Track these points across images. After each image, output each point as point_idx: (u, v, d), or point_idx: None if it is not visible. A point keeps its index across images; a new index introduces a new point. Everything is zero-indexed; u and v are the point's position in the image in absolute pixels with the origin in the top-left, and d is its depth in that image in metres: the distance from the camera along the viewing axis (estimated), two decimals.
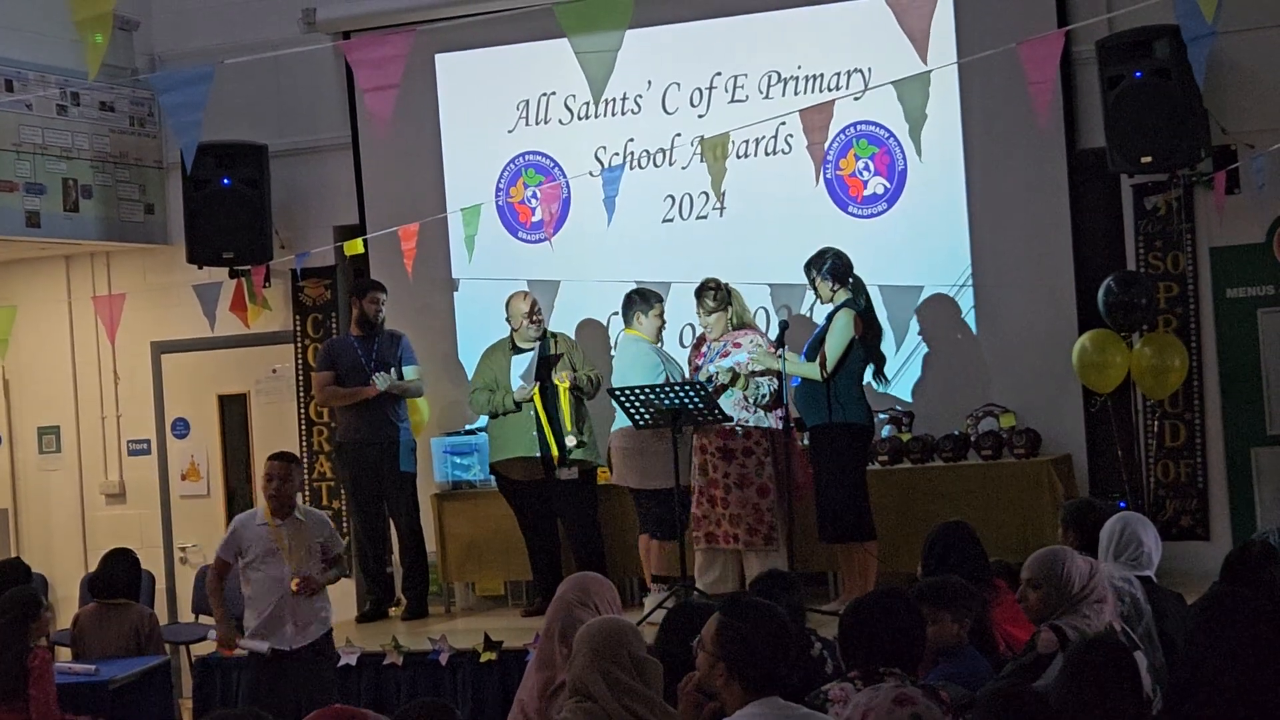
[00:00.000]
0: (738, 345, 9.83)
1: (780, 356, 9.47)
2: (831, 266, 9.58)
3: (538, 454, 10.32)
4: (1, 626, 8.25)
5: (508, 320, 10.56)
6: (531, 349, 10.45)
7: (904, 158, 10.66)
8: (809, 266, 9.67)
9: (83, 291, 12.67)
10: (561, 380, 10.31)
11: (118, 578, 9.65)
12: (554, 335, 10.61)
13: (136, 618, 9.51)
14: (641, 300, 10.23)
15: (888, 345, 10.07)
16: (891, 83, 8.13)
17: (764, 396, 9.64)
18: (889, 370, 9.94)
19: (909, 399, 10.66)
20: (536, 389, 10.30)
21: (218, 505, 12.66)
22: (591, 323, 11.32)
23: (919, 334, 10.72)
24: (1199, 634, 5.09)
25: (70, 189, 11.67)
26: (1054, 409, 10.38)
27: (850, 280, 9.59)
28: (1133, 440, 10.38)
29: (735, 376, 9.64)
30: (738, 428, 9.65)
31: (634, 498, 10.14)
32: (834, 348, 9.40)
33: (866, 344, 9.51)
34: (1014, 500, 9.88)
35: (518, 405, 10.37)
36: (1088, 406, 10.41)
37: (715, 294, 9.88)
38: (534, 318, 10.50)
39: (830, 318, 9.54)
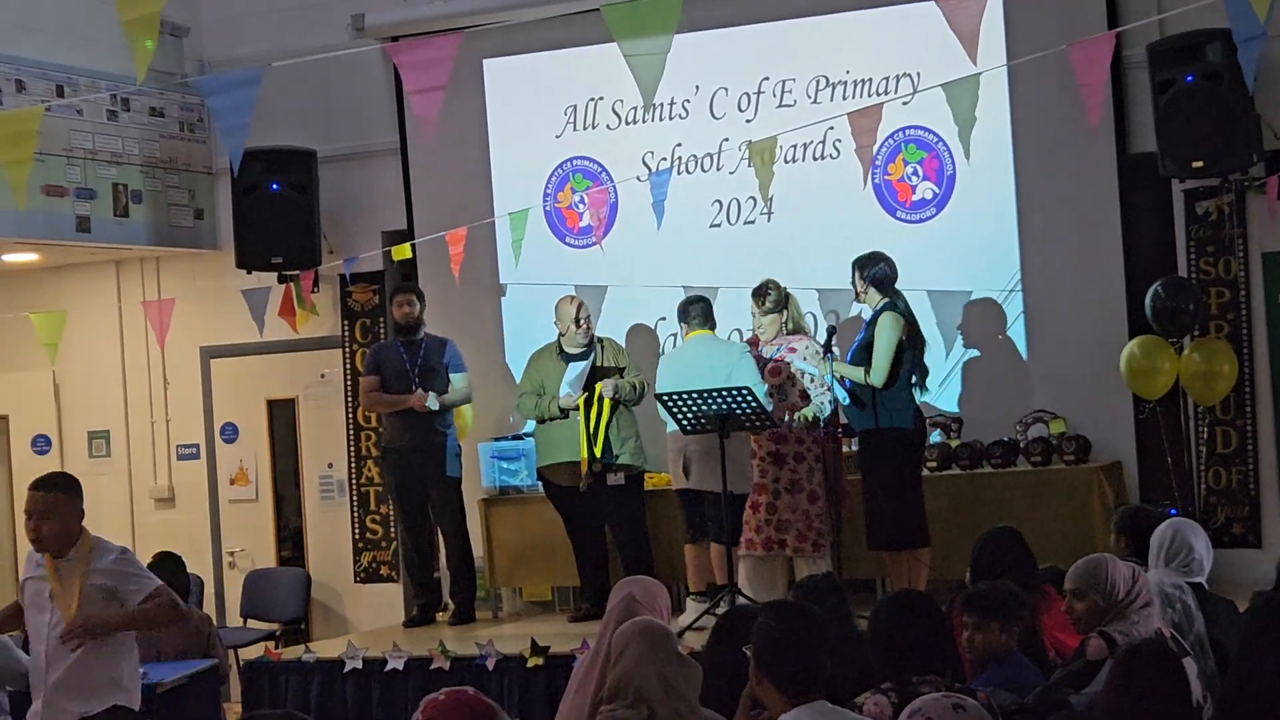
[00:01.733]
0: (792, 350, 9.81)
1: (830, 360, 9.43)
2: (878, 273, 9.54)
3: (580, 458, 10.29)
4: None
5: (556, 325, 10.55)
6: (579, 353, 10.44)
7: (952, 162, 10.62)
8: (857, 264, 9.63)
9: (133, 296, 12.73)
10: (605, 393, 10.26)
11: (167, 583, 9.66)
12: (601, 340, 10.60)
13: (199, 620, 9.54)
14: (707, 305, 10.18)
15: (937, 351, 10.04)
16: (941, 85, 8.11)
17: (824, 415, 9.62)
18: (936, 376, 9.90)
19: (956, 406, 10.60)
20: (583, 399, 10.27)
21: (266, 510, 12.70)
22: (640, 328, 11.30)
23: (962, 341, 10.66)
24: (1251, 641, 5.04)
25: (120, 194, 11.73)
26: (1104, 415, 10.31)
27: (891, 290, 9.57)
28: (1183, 447, 10.30)
29: (815, 420, 9.62)
30: (788, 434, 9.63)
31: (692, 502, 10.04)
32: (883, 350, 9.35)
33: (912, 351, 9.47)
34: (1063, 507, 9.83)
35: (563, 412, 10.36)
36: (1137, 413, 10.33)
37: (774, 295, 9.85)
38: (581, 322, 10.49)
39: (872, 322, 9.50)
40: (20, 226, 10.99)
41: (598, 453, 10.22)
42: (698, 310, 10.08)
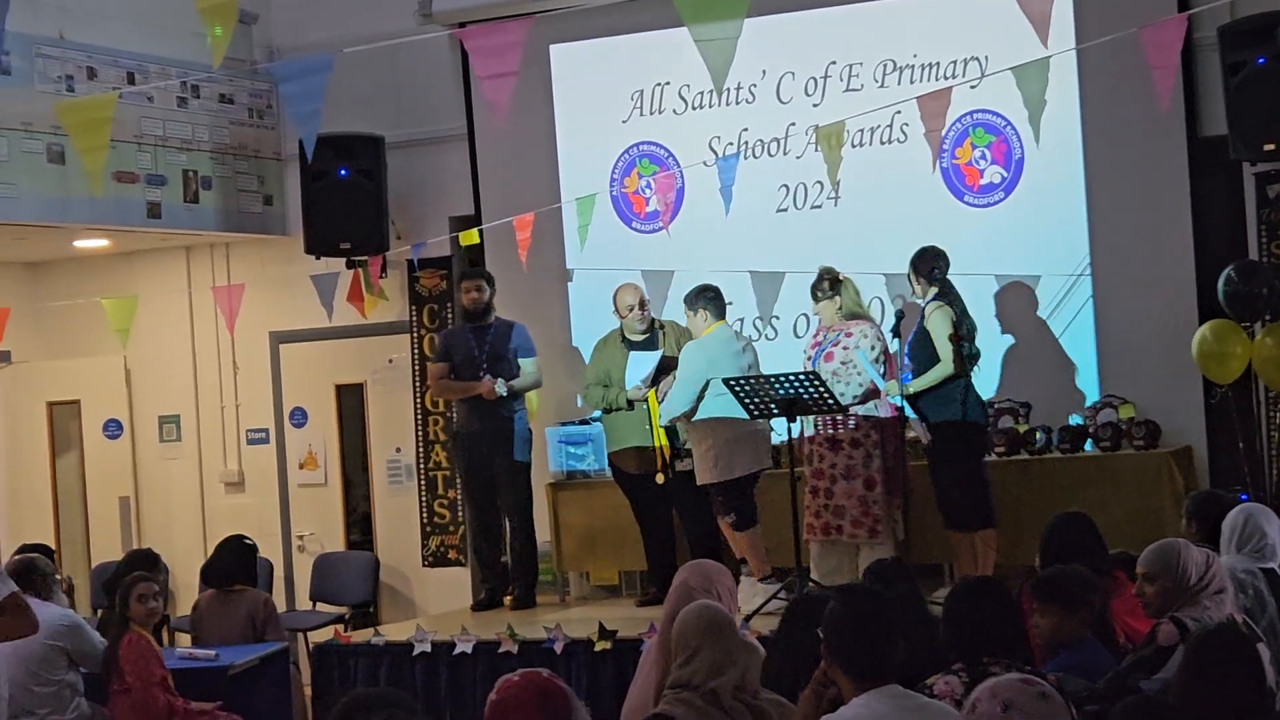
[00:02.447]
0: (849, 334, 9.80)
1: (900, 344, 9.45)
2: (931, 270, 9.57)
3: (651, 445, 10.31)
4: (110, 609, 8.43)
5: (615, 313, 10.55)
6: (642, 340, 10.45)
7: (1021, 146, 10.57)
8: (913, 265, 9.67)
9: (202, 282, 12.82)
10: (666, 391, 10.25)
11: (228, 565, 9.75)
12: (664, 325, 10.60)
13: (251, 603, 9.60)
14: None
15: (994, 338, 10.01)
16: (1011, 69, 8.07)
17: (858, 392, 9.63)
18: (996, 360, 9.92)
19: (1021, 391, 10.55)
20: (652, 394, 10.28)
21: (335, 494, 12.77)
22: None
23: (1000, 327, 10.61)
24: None
25: (190, 180, 11.81)
26: (1174, 400, 10.24)
27: (943, 283, 9.58)
28: (1254, 432, 10.23)
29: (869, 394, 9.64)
30: (851, 419, 9.63)
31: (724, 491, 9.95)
32: (943, 342, 9.40)
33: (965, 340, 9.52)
34: (1133, 492, 9.78)
35: (630, 404, 10.37)
36: (1208, 398, 10.26)
37: (826, 284, 9.86)
38: (642, 309, 10.50)
39: (923, 317, 9.53)
40: (92, 213, 11.09)
41: (665, 442, 10.23)
42: (710, 299, 10.02)
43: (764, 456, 9.99)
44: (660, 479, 10.24)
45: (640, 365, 10.37)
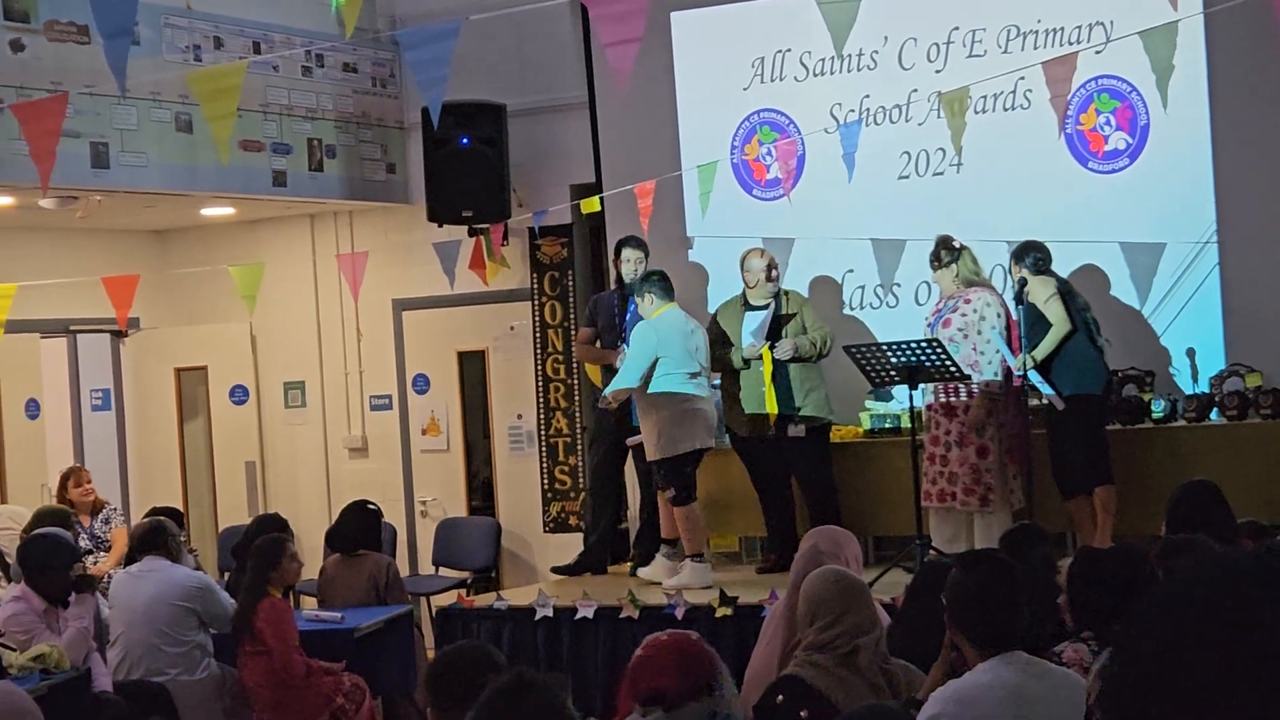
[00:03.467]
0: (968, 302, 9.76)
1: (1022, 310, 9.40)
2: (1034, 262, 9.53)
3: (768, 410, 10.32)
4: (247, 572, 8.51)
5: (743, 276, 10.56)
6: (764, 306, 10.45)
7: (1146, 112, 10.44)
8: (1014, 258, 9.67)
9: (327, 249, 12.96)
10: (778, 355, 10.26)
11: (352, 530, 9.84)
12: (787, 293, 10.59)
13: (374, 567, 9.70)
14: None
15: (1130, 303, 9.90)
16: (1138, 33, 7.98)
17: (994, 360, 9.60)
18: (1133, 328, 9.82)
19: (1145, 360, 10.45)
20: (767, 347, 10.29)
21: (457, 459, 12.88)
22: (825, 280, 11.28)
23: (1120, 294, 10.51)
24: None
25: (315, 149, 11.93)
26: None
27: (1048, 271, 9.55)
28: None
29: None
30: (974, 385, 9.59)
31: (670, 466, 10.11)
32: (1050, 308, 9.39)
33: (1077, 311, 9.47)
34: (1260, 461, 9.65)
35: (746, 363, 10.37)
36: None
37: (943, 251, 9.83)
38: (770, 275, 10.50)
39: (1024, 294, 9.50)
40: (219, 181, 11.23)
41: (775, 406, 10.23)
42: (656, 283, 10.18)
43: (705, 435, 10.08)
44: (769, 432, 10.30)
45: (753, 324, 10.37)
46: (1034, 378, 9.54)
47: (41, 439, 12.60)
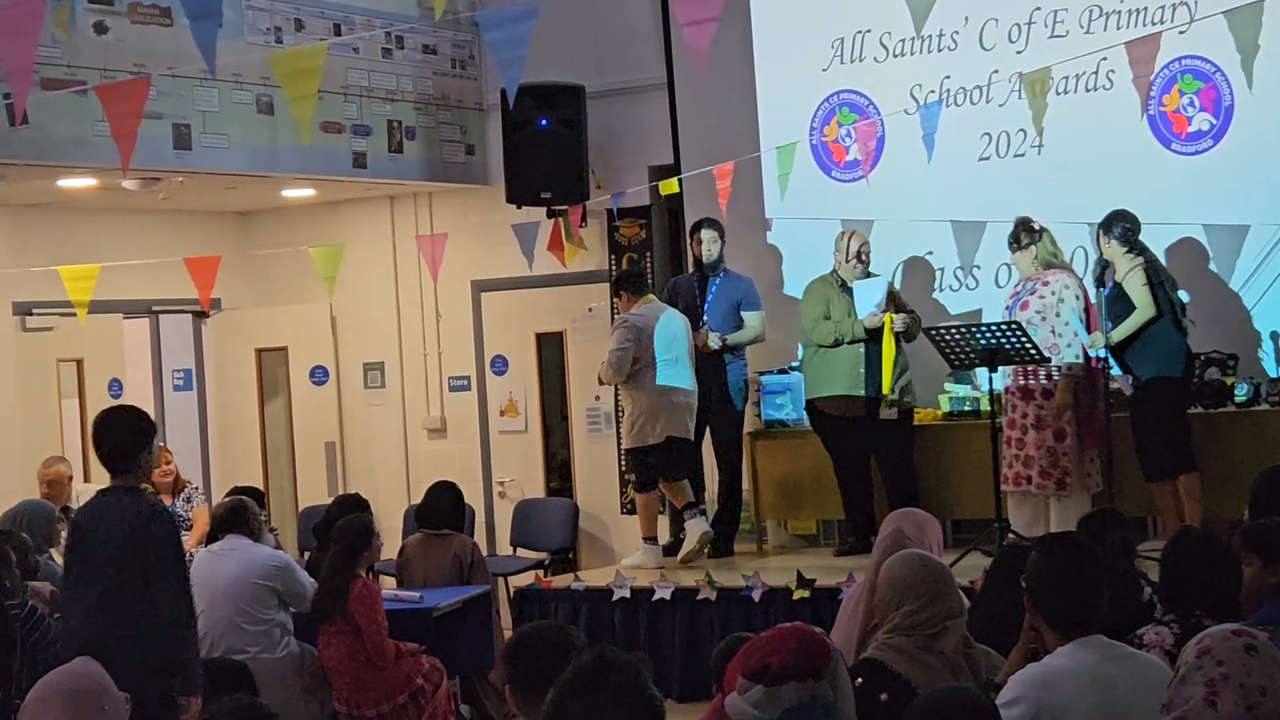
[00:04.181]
0: (1046, 284, 9.71)
1: (1103, 295, 9.34)
2: (1122, 232, 9.44)
3: (861, 392, 10.28)
4: (335, 553, 8.54)
5: (835, 255, 10.53)
6: (864, 283, 10.42)
7: (1230, 93, 10.33)
8: (1102, 228, 9.57)
9: (406, 231, 13.00)
10: (895, 327, 10.25)
11: (442, 508, 9.87)
12: (873, 276, 10.56)
13: (458, 547, 9.72)
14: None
15: (1217, 284, 9.81)
16: (1222, 12, 7.90)
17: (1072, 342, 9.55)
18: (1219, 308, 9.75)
19: (1228, 343, 10.35)
20: (888, 318, 10.25)
21: (535, 441, 12.91)
22: (918, 260, 11.21)
23: (1203, 276, 10.39)
24: None
25: (395, 130, 11.98)
26: None
27: (1133, 244, 9.45)
28: None
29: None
30: (1051, 368, 9.53)
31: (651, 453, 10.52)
32: (1138, 292, 9.30)
33: (1164, 293, 9.38)
34: None
35: (868, 332, 10.31)
36: None
37: (1022, 233, 9.77)
38: (861, 257, 10.46)
39: (1107, 272, 9.41)
40: (300, 162, 11.30)
41: (889, 382, 10.22)
42: (628, 281, 10.77)
43: (678, 426, 10.46)
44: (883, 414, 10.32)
45: (869, 293, 10.33)
46: (1107, 357, 9.47)
47: None
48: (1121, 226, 9.50)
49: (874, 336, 10.26)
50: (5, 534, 7.74)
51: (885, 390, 10.25)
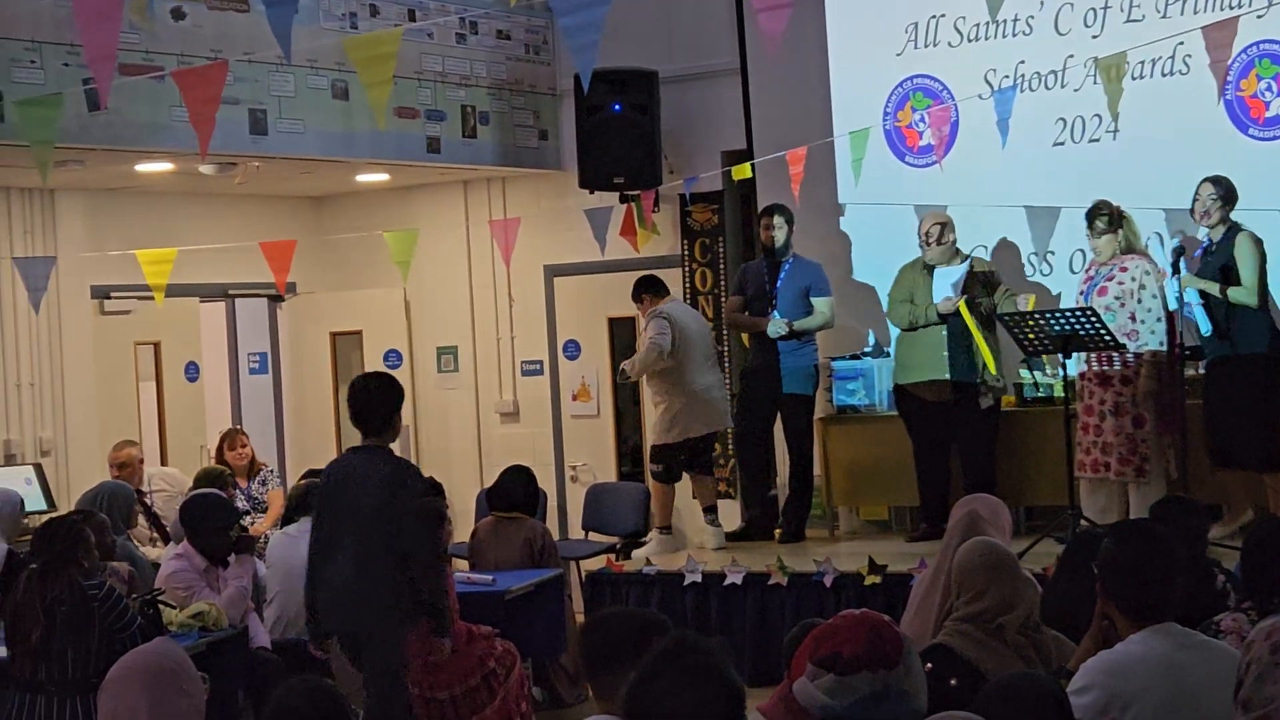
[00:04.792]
0: (1124, 269, 9.65)
1: (1176, 280, 9.29)
2: (1228, 191, 9.36)
3: (946, 376, 10.26)
4: None
5: (920, 238, 10.51)
6: (947, 267, 10.39)
7: None
8: (1213, 180, 9.44)
9: (479, 216, 13.05)
10: (987, 309, 10.23)
11: (515, 492, 9.92)
12: (970, 258, 10.52)
13: (530, 531, 9.77)
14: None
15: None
16: None
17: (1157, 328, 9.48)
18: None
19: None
20: (964, 301, 10.22)
21: (607, 425, 12.94)
22: (1007, 243, 11.15)
23: None
24: None
25: (469, 116, 12.02)
26: None
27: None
28: None
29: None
30: (1128, 355, 9.49)
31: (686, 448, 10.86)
32: (1250, 267, 9.24)
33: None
34: None
35: (942, 318, 10.29)
36: None
37: (1106, 217, 9.71)
38: (944, 240, 10.43)
39: (1226, 242, 9.31)
40: (375, 148, 11.35)
41: (993, 368, 10.19)
42: (659, 286, 11.02)
43: (715, 420, 10.91)
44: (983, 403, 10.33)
45: (948, 278, 10.31)
46: (1191, 295, 9.38)
47: (200, 401, 12.83)
48: (1229, 186, 9.40)
49: (957, 321, 10.22)
50: (85, 514, 7.83)
51: (992, 371, 10.22)
